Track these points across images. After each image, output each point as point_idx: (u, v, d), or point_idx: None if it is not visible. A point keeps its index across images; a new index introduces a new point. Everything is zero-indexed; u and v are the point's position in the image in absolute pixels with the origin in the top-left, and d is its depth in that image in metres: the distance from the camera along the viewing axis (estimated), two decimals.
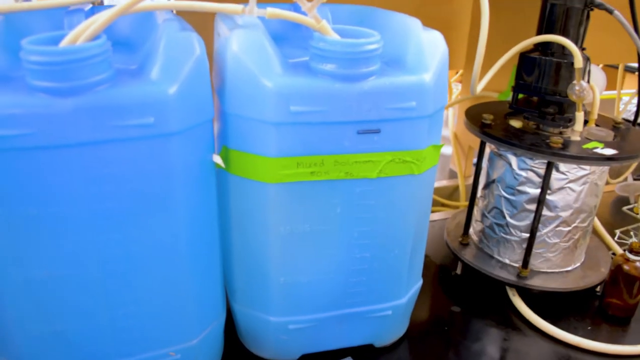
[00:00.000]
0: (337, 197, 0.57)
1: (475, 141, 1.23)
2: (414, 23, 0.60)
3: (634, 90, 1.85)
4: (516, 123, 0.81)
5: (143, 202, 0.49)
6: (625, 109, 1.32)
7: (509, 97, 1.08)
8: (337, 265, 0.61)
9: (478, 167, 0.83)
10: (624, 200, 1.14)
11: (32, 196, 0.45)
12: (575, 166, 0.74)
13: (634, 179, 1.19)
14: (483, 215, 0.84)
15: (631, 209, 1.09)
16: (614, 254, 0.90)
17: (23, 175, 0.44)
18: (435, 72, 0.56)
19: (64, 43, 0.46)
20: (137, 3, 0.48)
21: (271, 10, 0.52)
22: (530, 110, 0.79)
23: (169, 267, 0.53)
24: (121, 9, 0.47)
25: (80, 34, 0.46)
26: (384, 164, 0.57)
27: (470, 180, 1.29)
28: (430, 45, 0.58)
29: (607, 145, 0.73)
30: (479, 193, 0.85)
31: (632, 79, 1.79)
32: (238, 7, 0.52)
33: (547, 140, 0.72)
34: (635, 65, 1.94)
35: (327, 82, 0.52)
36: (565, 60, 0.74)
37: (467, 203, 1.18)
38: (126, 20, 0.62)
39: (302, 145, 0.54)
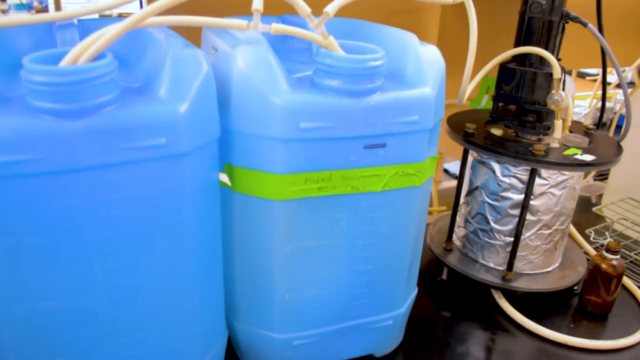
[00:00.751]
0: (343, 212, 0.57)
1: (446, 147, 1.26)
2: (411, 37, 0.60)
3: (583, 93, 1.96)
4: (496, 131, 0.83)
5: (152, 225, 0.47)
6: (591, 112, 1.38)
7: (479, 104, 1.11)
8: (341, 279, 0.61)
9: (461, 174, 0.85)
10: (586, 200, 1.20)
11: (38, 224, 0.43)
12: (556, 172, 0.77)
13: (594, 180, 1.25)
14: (466, 221, 0.86)
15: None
16: (584, 252, 0.95)
17: (28, 202, 0.42)
18: (435, 85, 0.57)
19: (65, 62, 0.44)
20: (143, 20, 0.46)
21: (276, 27, 0.51)
22: (510, 119, 0.81)
23: (175, 289, 0.52)
24: (126, 26, 0.45)
25: (83, 51, 0.44)
26: (389, 177, 0.57)
27: (442, 186, 1.32)
28: (428, 59, 0.58)
29: (585, 151, 0.77)
30: (462, 200, 0.87)
31: (581, 84, 1.89)
32: (242, 22, 0.51)
33: (530, 148, 0.75)
34: (586, 70, 2.05)
35: (334, 98, 0.52)
36: (544, 71, 0.77)
37: (440, 208, 1.21)
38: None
39: (309, 161, 0.53)
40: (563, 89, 0.79)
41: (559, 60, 0.78)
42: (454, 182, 1.36)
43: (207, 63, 0.49)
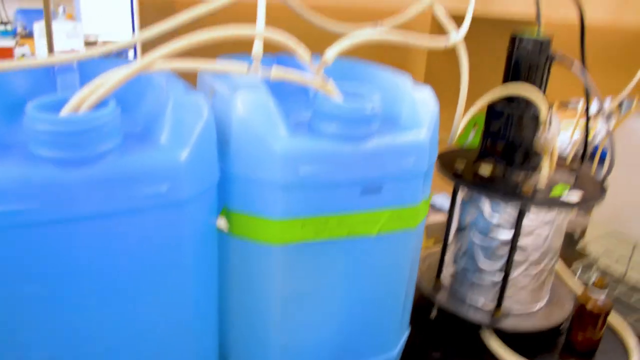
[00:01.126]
0: (339, 255, 0.57)
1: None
2: (404, 81, 0.62)
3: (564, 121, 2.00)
4: (485, 168, 0.84)
5: (152, 272, 0.47)
6: (574, 147, 1.40)
7: (466, 139, 1.13)
8: (336, 323, 0.60)
9: (451, 212, 0.86)
10: (570, 234, 1.22)
11: (38, 273, 0.42)
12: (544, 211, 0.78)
13: (577, 214, 1.27)
14: (455, 259, 0.87)
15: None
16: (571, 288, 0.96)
17: (28, 251, 0.41)
18: (429, 129, 0.58)
19: (67, 109, 0.44)
20: (148, 67, 0.46)
21: (276, 73, 0.52)
22: (498, 158, 0.83)
23: (172, 335, 0.51)
24: (130, 74, 0.45)
25: (85, 98, 0.44)
26: (384, 220, 0.57)
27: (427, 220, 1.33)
28: (422, 102, 0.60)
29: (571, 188, 0.79)
30: (451, 237, 0.88)
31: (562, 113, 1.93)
32: (243, 67, 0.51)
33: (519, 188, 0.76)
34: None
35: (332, 143, 0.53)
36: (531, 112, 0.79)
37: (426, 242, 1.22)
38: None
39: (307, 206, 0.54)
40: (549, 129, 0.81)
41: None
42: (440, 216, 1.37)
43: (208, 109, 0.49)
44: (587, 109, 0.95)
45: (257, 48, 0.50)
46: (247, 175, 0.53)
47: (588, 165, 1.33)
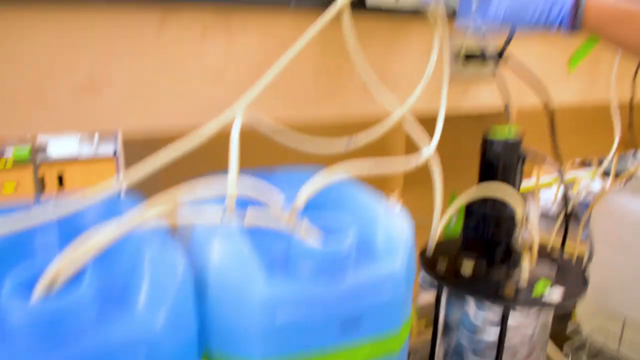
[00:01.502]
0: None
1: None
2: (380, 207, 0.63)
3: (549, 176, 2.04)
4: (467, 264, 0.85)
5: None
6: (560, 220, 1.41)
7: (450, 225, 1.15)
8: None
9: (437, 310, 0.87)
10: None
11: None
12: None
13: None
14: (445, 357, 0.87)
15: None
16: None
17: None
18: (405, 256, 0.60)
19: (44, 283, 0.44)
20: (134, 228, 0.47)
21: (249, 220, 0.53)
22: (480, 254, 0.84)
23: None
24: (114, 238, 0.47)
25: (60, 271, 0.45)
26: (366, 351, 0.58)
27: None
28: (398, 231, 0.61)
29: (554, 282, 0.79)
30: (439, 335, 0.88)
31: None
32: (217, 216, 0.53)
33: (501, 288, 0.77)
34: None
35: (310, 285, 0.54)
36: (507, 211, 0.80)
37: (419, 324, 1.21)
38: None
39: (287, 347, 0.54)
40: (527, 220, 0.82)
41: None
42: (429, 295, 1.37)
43: (186, 267, 0.50)
44: (565, 204, 0.96)
45: (229, 202, 0.52)
46: (226, 320, 0.54)
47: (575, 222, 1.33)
